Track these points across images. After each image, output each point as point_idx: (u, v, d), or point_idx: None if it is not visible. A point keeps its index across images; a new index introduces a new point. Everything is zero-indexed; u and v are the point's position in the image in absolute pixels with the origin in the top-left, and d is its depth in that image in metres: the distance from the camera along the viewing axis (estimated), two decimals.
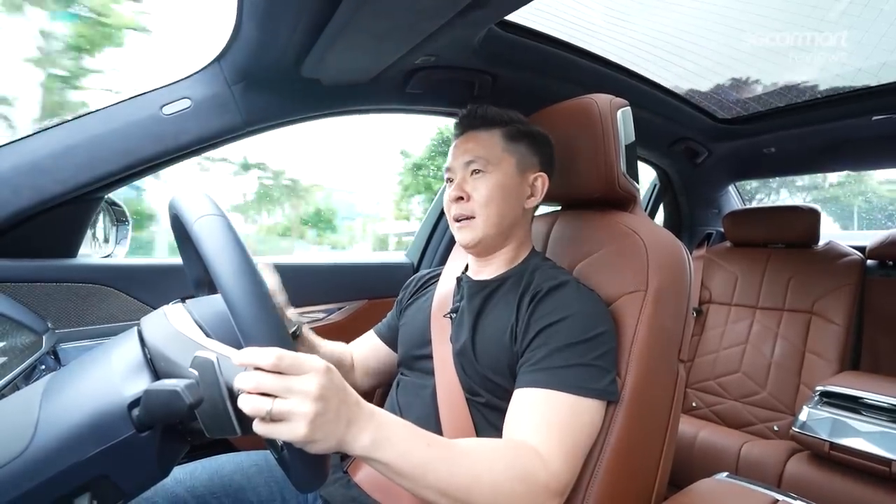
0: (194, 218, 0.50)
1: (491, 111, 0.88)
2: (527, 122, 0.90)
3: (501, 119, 0.87)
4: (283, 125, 1.15)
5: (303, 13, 0.85)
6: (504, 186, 0.84)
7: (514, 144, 0.86)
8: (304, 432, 0.46)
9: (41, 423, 0.48)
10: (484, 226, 0.84)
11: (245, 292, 0.46)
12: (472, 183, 0.85)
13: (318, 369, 0.48)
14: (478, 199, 0.84)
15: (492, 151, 0.85)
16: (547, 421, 0.66)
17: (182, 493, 0.77)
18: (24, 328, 0.82)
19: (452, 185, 0.88)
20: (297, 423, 0.46)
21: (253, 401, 0.45)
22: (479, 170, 0.84)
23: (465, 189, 0.85)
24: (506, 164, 0.85)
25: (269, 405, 0.45)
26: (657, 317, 0.77)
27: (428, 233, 1.58)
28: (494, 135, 0.86)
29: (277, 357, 0.45)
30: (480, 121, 0.88)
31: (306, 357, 0.48)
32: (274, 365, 0.45)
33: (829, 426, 1.28)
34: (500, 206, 0.84)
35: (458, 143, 0.89)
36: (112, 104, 0.99)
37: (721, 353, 1.86)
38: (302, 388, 0.46)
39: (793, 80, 1.60)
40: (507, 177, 0.85)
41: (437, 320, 0.89)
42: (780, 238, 1.90)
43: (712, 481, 0.87)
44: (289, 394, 0.46)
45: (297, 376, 0.47)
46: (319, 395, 0.47)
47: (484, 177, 0.84)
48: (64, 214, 0.98)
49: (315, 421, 0.47)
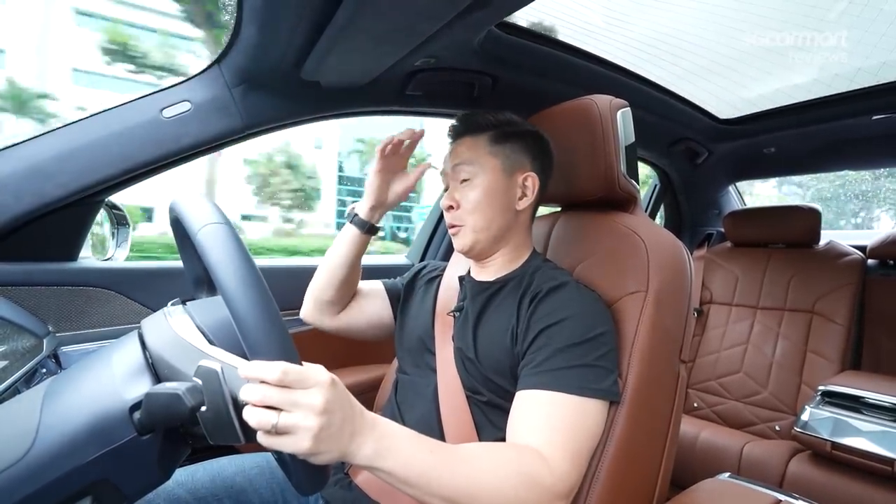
0: (198, 226, 0.50)
1: (480, 117, 0.87)
2: (519, 122, 0.89)
3: (489, 123, 0.87)
4: (283, 127, 1.15)
5: (302, 16, 0.85)
6: (490, 191, 0.84)
7: (498, 147, 0.85)
8: (309, 446, 0.46)
9: (42, 426, 0.48)
10: (473, 233, 0.84)
11: (251, 305, 0.46)
12: (461, 191, 0.85)
13: (324, 383, 0.48)
14: (465, 207, 0.84)
15: (477, 157, 0.85)
16: (550, 423, 0.66)
17: (184, 494, 0.77)
18: (25, 332, 0.82)
19: (447, 192, 0.89)
20: (301, 436, 0.46)
21: (259, 414, 0.45)
22: (466, 178, 0.85)
23: (454, 197, 0.86)
24: (490, 168, 0.84)
25: (275, 419, 0.45)
26: (658, 317, 0.77)
27: (428, 234, 1.58)
28: (480, 140, 0.86)
29: (283, 372, 0.45)
30: (468, 126, 0.88)
31: (312, 370, 0.48)
32: (279, 380, 0.45)
33: (830, 426, 1.28)
34: (486, 212, 0.84)
35: (450, 149, 0.89)
36: (112, 107, 0.99)
37: (722, 354, 1.86)
38: (307, 402, 0.47)
39: (792, 80, 1.60)
40: (493, 181, 0.84)
41: (440, 318, 0.89)
42: (781, 238, 1.90)
43: (714, 481, 0.87)
44: (294, 408, 0.46)
45: (302, 390, 0.47)
46: (324, 409, 0.47)
47: (470, 184, 0.84)
48: (65, 218, 0.98)
49: (319, 435, 0.47)
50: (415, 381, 0.88)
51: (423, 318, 0.92)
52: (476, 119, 0.87)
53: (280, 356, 0.46)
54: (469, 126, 0.88)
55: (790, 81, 1.61)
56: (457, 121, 0.89)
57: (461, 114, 0.90)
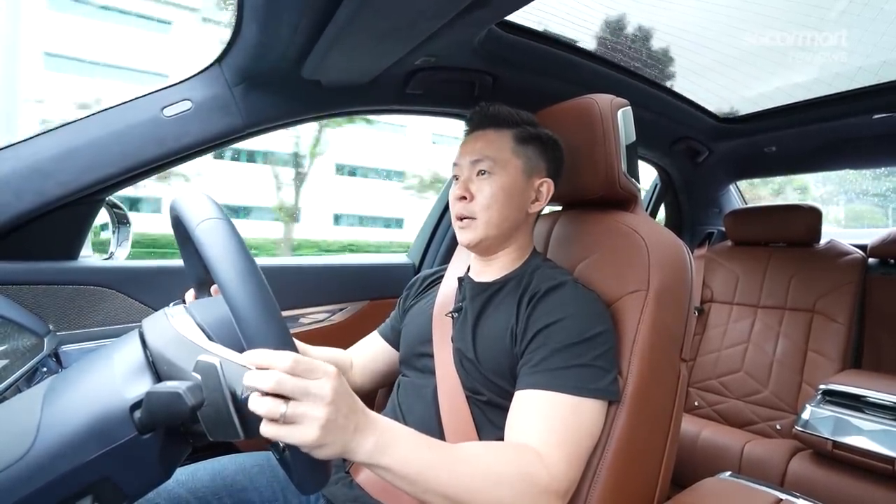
0: (196, 222, 0.50)
1: (503, 110, 0.87)
2: (538, 124, 0.89)
3: (513, 119, 0.86)
4: (283, 126, 1.15)
5: (303, 14, 0.85)
6: (508, 189, 0.84)
7: (523, 147, 0.85)
8: (316, 436, 0.46)
9: (43, 425, 0.48)
10: (485, 227, 0.84)
11: (249, 298, 0.46)
12: (477, 183, 0.84)
13: (331, 374, 0.49)
14: (481, 201, 0.83)
15: (500, 153, 0.84)
16: (547, 423, 0.66)
17: (184, 493, 0.77)
18: (25, 331, 0.82)
19: (458, 182, 0.87)
20: (309, 426, 0.46)
21: (268, 403, 0.45)
22: (486, 171, 0.84)
23: (469, 189, 0.84)
24: (512, 167, 0.84)
25: (284, 407, 0.45)
26: (659, 316, 0.77)
27: (429, 233, 1.58)
28: (504, 136, 0.85)
29: (294, 360, 0.45)
30: (491, 120, 0.87)
31: (319, 362, 0.48)
32: (291, 368, 0.45)
33: (831, 425, 1.28)
34: (502, 210, 0.83)
35: (468, 140, 0.88)
36: (113, 106, 0.99)
37: (723, 352, 1.86)
38: (317, 391, 0.47)
39: (793, 79, 1.60)
40: (513, 180, 0.84)
41: (438, 319, 0.89)
42: (782, 237, 1.90)
43: (715, 480, 0.87)
44: (304, 396, 0.46)
45: (313, 380, 0.47)
46: (332, 399, 0.47)
47: (489, 178, 0.83)
48: (65, 216, 0.98)
49: (327, 426, 0.47)
50: (415, 383, 0.88)
51: (423, 320, 0.92)
52: (500, 112, 0.87)
53: (278, 347, 0.46)
54: (492, 118, 0.86)
55: (791, 80, 1.61)
56: (480, 110, 0.88)
57: (484, 104, 0.88)
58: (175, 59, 13.79)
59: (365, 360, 1.04)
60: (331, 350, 1.01)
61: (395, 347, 1.02)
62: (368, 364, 1.03)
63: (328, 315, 1.35)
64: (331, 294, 1.36)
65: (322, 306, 1.34)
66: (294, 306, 1.27)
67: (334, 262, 1.43)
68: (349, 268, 1.43)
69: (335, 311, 1.36)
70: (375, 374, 1.03)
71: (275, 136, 13.45)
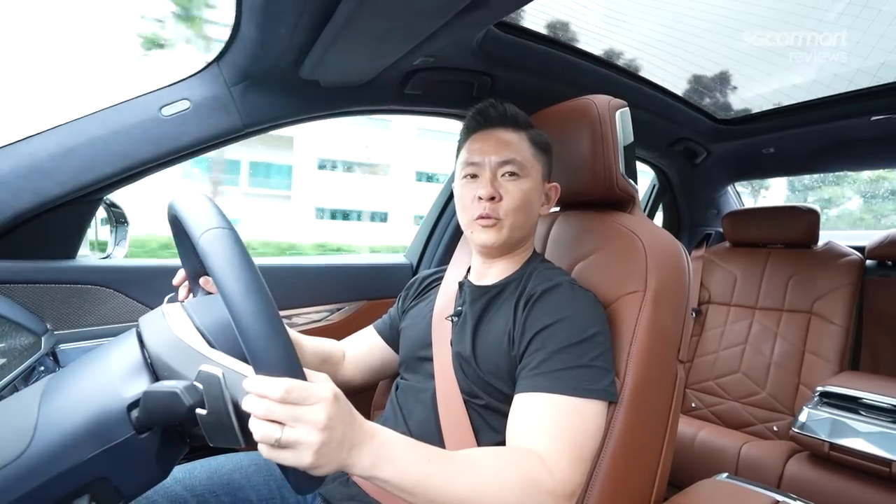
0: (200, 231, 0.49)
1: (518, 111, 0.86)
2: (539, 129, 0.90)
3: (527, 122, 0.87)
4: (281, 126, 1.15)
5: (302, 14, 0.85)
6: (533, 193, 0.84)
7: (540, 153, 0.86)
8: (310, 461, 0.47)
9: (40, 424, 0.48)
10: (510, 230, 0.83)
11: (256, 315, 0.46)
12: (504, 185, 0.83)
13: (327, 399, 0.48)
14: (509, 203, 0.82)
15: (525, 156, 0.84)
16: (549, 426, 0.66)
17: (181, 491, 0.77)
18: (23, 329, 0.82)
19: (477, 180, 0.83)
20: (303, 452, 0.47)
21: (263, 427, 0.46)
22: (515, 173, 0.82)
23: (497, 189, 0.82)
24: (535, 171, 0.85)
25: (279, 433, 0.46)
26: (656, 317, 0.77)
27: (427, 233, 1.58)
28: (524, 138, 0.85)
29: (286, 390, 0.45)
30: (511, 120, 0.85)
31: (315, 387, 0.48)
32: (282, 398, 0.45)
33: (828, 426, 1.28)
34: (526, 213, 0.84)
35: (484, 137, 0.85)
36: (111, 105, 0.99)
37: (720, 354, 1.86)
38: (310, 418, 0.47)
39: (791, 81, 1.61)
40: (537, 184, 0.85)
41: (438, 323, 0.89)
42: (780, 238, 1.90)
43: (712, 482, 0.87)
44: (297, 423, 0.46)
45: (306, 407, 0.47)
46: (326, 425, 0.47)
47: (518, 181, 0.82)
48: (63, 216, 0.98)
49: (321, 450, 0.47)
50: (414, 387, 0.88)
51: (422, 323, 0.92)
52: (517, 114, 0.86)
53: (284, 370, 0.46)
54: (512, 119, 0.85)
55: (789, 82, 1.62)
56: (492, 106, 0.86)
57: (492, 100, 0.86)
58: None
59: (359, 353, 1.03)
60: (324, 341, 0.99)
61: (389, 344, 1.02)
62: (363, 357, 1.02)
63: (325, 315, 1.35)
64: (328, 294, 1.36)
65: (319, 306, 1.34)
66: (291, 306, 1.27)
67: (332, 262, 1.43)
68: (347, 268, 1.43)
69: (332, 310, 1.36)
70: (368, 368, 1.02)
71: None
